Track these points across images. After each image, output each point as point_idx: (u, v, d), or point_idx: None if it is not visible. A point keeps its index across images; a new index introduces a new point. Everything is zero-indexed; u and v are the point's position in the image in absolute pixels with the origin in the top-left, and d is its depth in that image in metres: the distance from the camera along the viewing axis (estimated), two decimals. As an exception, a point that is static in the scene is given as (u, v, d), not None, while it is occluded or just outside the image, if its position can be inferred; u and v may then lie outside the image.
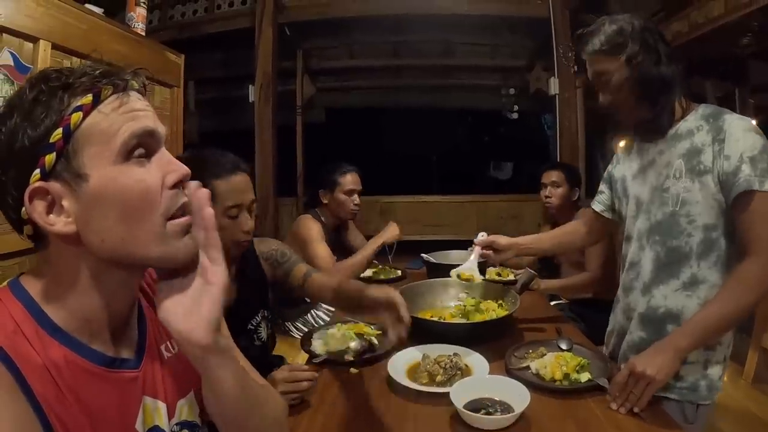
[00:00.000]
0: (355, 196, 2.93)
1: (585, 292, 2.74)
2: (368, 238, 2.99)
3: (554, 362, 1.49)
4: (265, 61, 4.98)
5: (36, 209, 0.71)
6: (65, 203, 0.71)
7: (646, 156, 1.61)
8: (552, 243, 2.04)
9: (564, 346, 1.64)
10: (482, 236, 1.95)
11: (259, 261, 1.82)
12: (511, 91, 5.85)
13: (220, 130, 5.90)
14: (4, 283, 0.79)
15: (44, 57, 2.25)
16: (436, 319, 1.86)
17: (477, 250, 1.94)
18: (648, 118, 1.51)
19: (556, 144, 4.90)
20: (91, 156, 0.71)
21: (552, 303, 2.41)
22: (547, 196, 2.93)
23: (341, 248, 3.04)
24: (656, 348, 1.37)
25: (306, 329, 2.79)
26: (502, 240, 1.90)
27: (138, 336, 0.88)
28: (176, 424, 0.90)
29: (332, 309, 2.73)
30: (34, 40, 2.20)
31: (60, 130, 0.69)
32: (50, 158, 0.69)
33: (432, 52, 5.88)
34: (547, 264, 3.02)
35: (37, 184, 0.70)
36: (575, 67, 4.61)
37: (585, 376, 1.44)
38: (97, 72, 0.74)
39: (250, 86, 5.01)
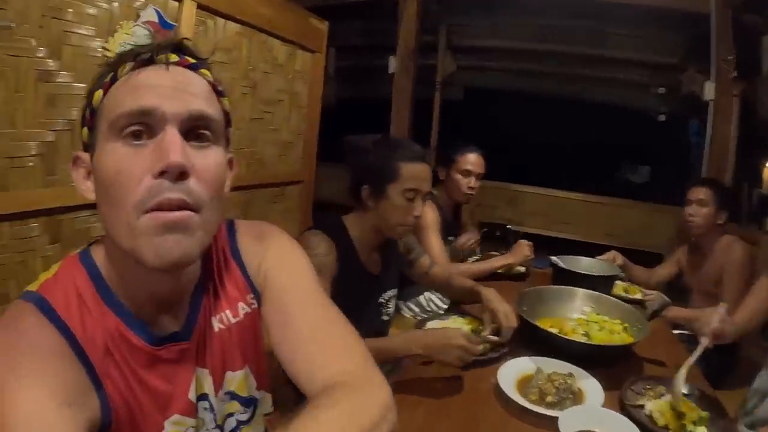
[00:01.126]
0: (472, 178, 2.77)
1: None
2: (491, 225, 2.91)
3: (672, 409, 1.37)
4: (408, 34, 4.95)
5: (76, 175, 0.79)
6: (92, 174, 0.76)
7: None
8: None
9: (685, 391, 1.48)
10: (712, 317, 1.64)
11: (397, 242, 1.94)
12: (661, 90, 5.42)
13: (357, 97, 5.97)
14: (77, 251, 0.83)
15: (188, 16, 2.32)
16: (556, 330, 1.77)
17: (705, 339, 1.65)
18: None
19: (700, 154, 4.45)
20: (100, 131, 0.74)
21: (675, 331, 2.19)
22: (690, 215, 2.66)
23: (454, 232, 2.97)
24: None
25: (418, 310, 2.79)
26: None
27: (189, 308, 0.87)
28: (225, 393, 0.91)
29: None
30: None
31: (89, 110, 0.76)
32: (84, 132, 0.77)
33: (578, 40, 5.57)
34: (676, 288, 2.78)
35: (78, 152, 0.79)
36: (735, 72, 4.11)
37: (702, 431, 1.32)
38: (131, 49, 0.76)
39: (391, 57, 5.00)
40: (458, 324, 1.82)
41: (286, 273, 0.96)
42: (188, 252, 0.72)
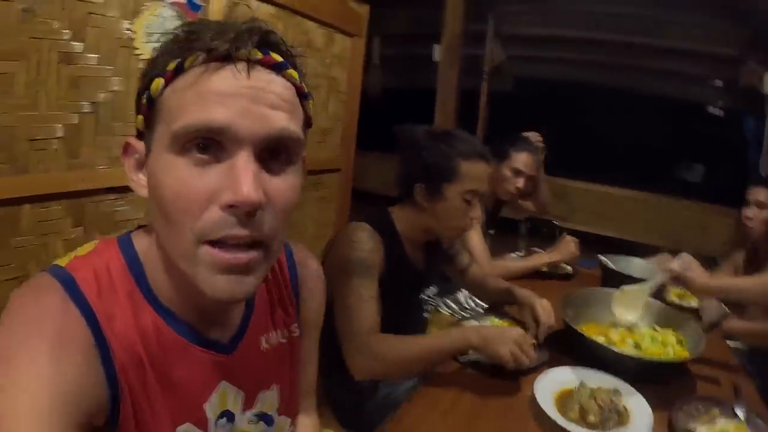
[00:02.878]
0: (522, 179, 2.60)
1: None
2: (536, 220, 2.80)
3: None
4: (454, 22, 4.86)
5: (127, 162, 0.70)
6: (145, 167, 0.68)
7: None
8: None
9: (741, 415, 1.33)
10: (673, 261, 1.63)
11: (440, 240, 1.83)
12: (718, 82, 5.14)
13: (402, 87, 5.84)
14: (115, 235, 0.76)
15: None
16: (602, 339, 1.62)
17: (662, 274, 1.64)
18: None
19: (759, 151, 4.25)
20: (159, 132, 0.64)
21: (730, 343, 2.00)
22: (748, 217, 2.49)
23: (495, 226, 2.85)
24: None
25: (456, 308, 2.65)
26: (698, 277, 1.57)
27: (240, 322, 0.82)
28: (254, 415, 0.86)
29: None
30: None
31: (146, 96, 0.64)
32: (140, 119, 0.67)
33: (634, 29, 5.35)
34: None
35: (130, 139, 0.69)
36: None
37: None
38: (206, 31, 0.62)
39: (435, 46, 4.89)
40: (496, 324, 1.71)
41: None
42: (249, 291, 0.66)
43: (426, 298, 1.77)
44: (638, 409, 1.31)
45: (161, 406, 0.72)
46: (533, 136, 2.74)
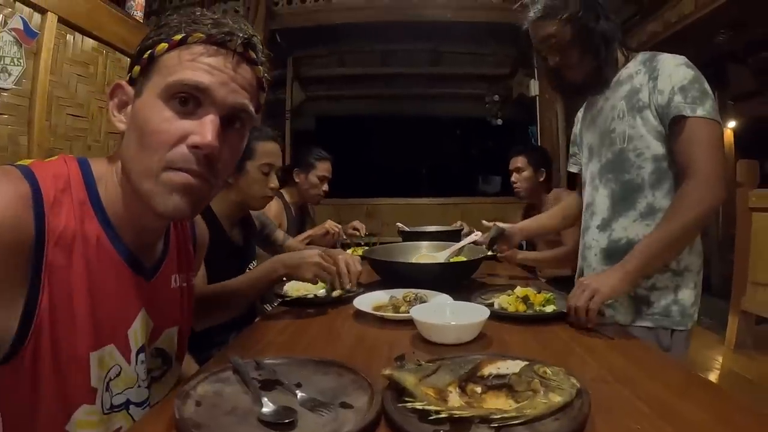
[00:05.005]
0: (326, 184, 3.09)
1: (562, 266, 2.70)
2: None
3: (519, 297, 1.46)
4: (256, 66, 5.03)
5: (114, 99, 0.85)
6: (129, 108, 0.83)
7: (595, 107, 1.70)
8: (554, 221, 2.13)
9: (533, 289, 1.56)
10: (476, 235, 2.11)
11: (253, 219, 2.14)
12: (495, 98, 5.94)
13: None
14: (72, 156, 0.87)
15: (50, 28, 2.50)
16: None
17: (470, 238, 2.08)
18: (593, 71, 1.58)
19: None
20: (153, 82, 0.80)
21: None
22: (514, 182, 3.02)
23: (303, 228, 3.13)
24: (608, 271, 1.42)
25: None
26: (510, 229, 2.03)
27: (159, 255, 0.96)
28: (155, 349, 0.96)
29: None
30: (43, 11, 2.44)
31: (149, 53, 0.81)
32: (137, 69, 0.83)
33: (419, 61, 5.96)
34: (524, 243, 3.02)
35: (122, 81, 0.85)
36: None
37: (551, 308, 1.42)
38: (206, 19, 0.82)
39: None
40: (319, 287, 1.84)
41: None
42: (188, 211, 0.83)
43: (248, 270, 1.89)
44: (441, 299, 1.48)
45: (85, 321, 0.77)
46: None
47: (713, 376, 2.65)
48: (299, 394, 0.80)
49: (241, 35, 0.82)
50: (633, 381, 0.92)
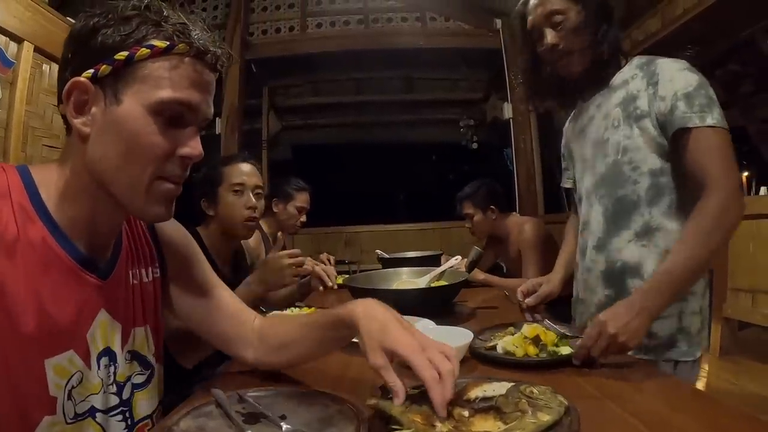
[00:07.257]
0: (304, 215, 3.11)
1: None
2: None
3: (527, 338, 1.21)
4: (232, 95, 5.08)
5: (72, 98, 0.78)
6: (94, 109, 0.78)
7: (586, 114, 1.56)
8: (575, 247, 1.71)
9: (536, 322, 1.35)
10: (456, 259, 2.06)
11: (245, 254, 2.16)
12: (470, 122, 6.01)
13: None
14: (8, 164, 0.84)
15: (27, 57, 2.54)
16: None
17: (450, 262, 2.02)
18: (593, 65, 1.46)
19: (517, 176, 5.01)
20: (135, 90, 0.77)
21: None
22: (469, 227, 3.00)
23: None
24: (627, 308, 1.14)
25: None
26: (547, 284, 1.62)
27: (111, 252, 0.92)
28: (128, 352, 0.93)
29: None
30: (20, 40, 2.48)
31: (125, 54, 0.75)
32: (105, 68, 0.76)
33: (393, 88, 6.03)
34: (494, 271, 3.05)
35: (84, 79, 0.76)
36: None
37: (566, 350, 1.17)
38: (191, 29, 0.79)
39: (217, 119, 5.06)
40: (304, 311, 1.84)
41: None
42: (170, 214, 0.86)
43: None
44: (426, 326, 1.38)
45: (34, 327, 0.74)
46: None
47: (701, 385, 2.65)
48: (284, 426, 0.78)
49: (220, 51, 0.83)
50: (621, 396, 0.91)
